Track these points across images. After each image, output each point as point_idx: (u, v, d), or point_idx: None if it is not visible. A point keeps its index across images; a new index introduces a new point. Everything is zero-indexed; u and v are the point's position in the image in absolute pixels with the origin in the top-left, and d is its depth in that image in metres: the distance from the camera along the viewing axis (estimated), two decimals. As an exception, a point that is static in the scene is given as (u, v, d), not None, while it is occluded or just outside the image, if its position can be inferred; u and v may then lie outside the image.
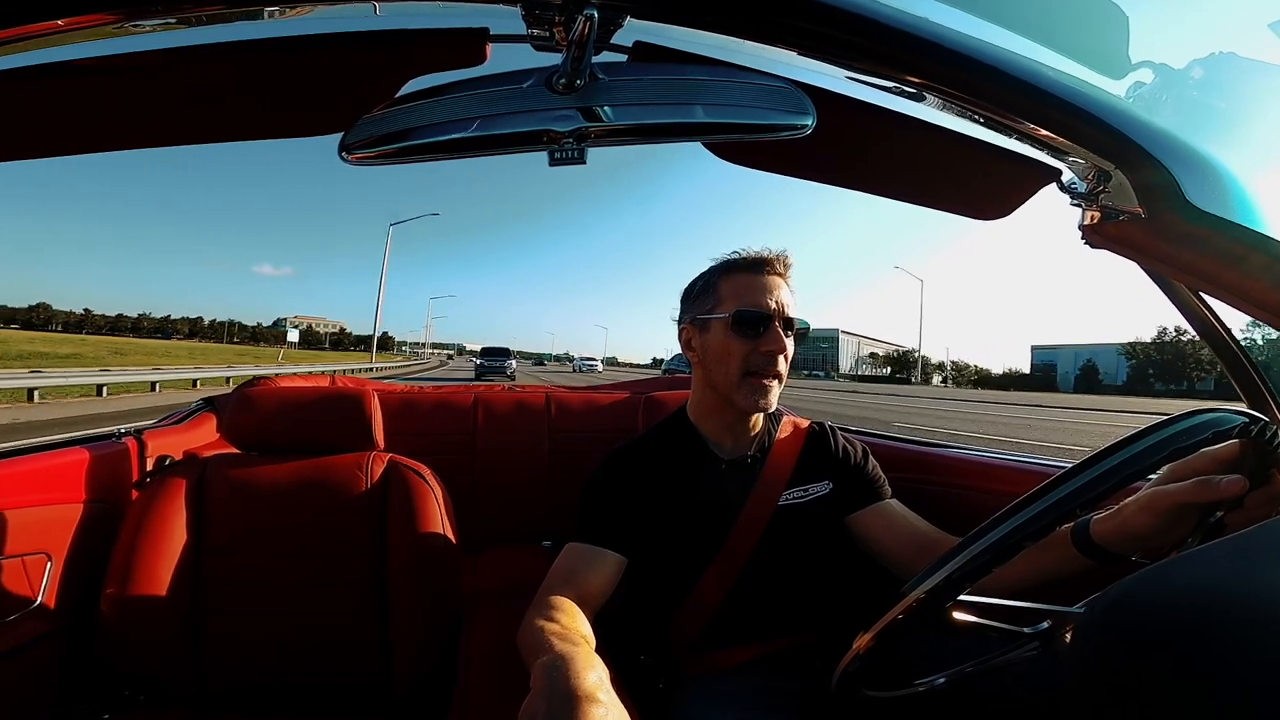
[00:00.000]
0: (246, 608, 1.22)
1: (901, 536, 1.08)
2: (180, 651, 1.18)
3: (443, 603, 1.25)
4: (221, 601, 1.22)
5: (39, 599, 1.15)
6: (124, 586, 1.15)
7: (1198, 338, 1.01)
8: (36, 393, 12.21)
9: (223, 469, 1.29)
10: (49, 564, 1.17)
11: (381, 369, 40.12)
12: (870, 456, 1.20)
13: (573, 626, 0.82)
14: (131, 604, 1.14)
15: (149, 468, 1.43)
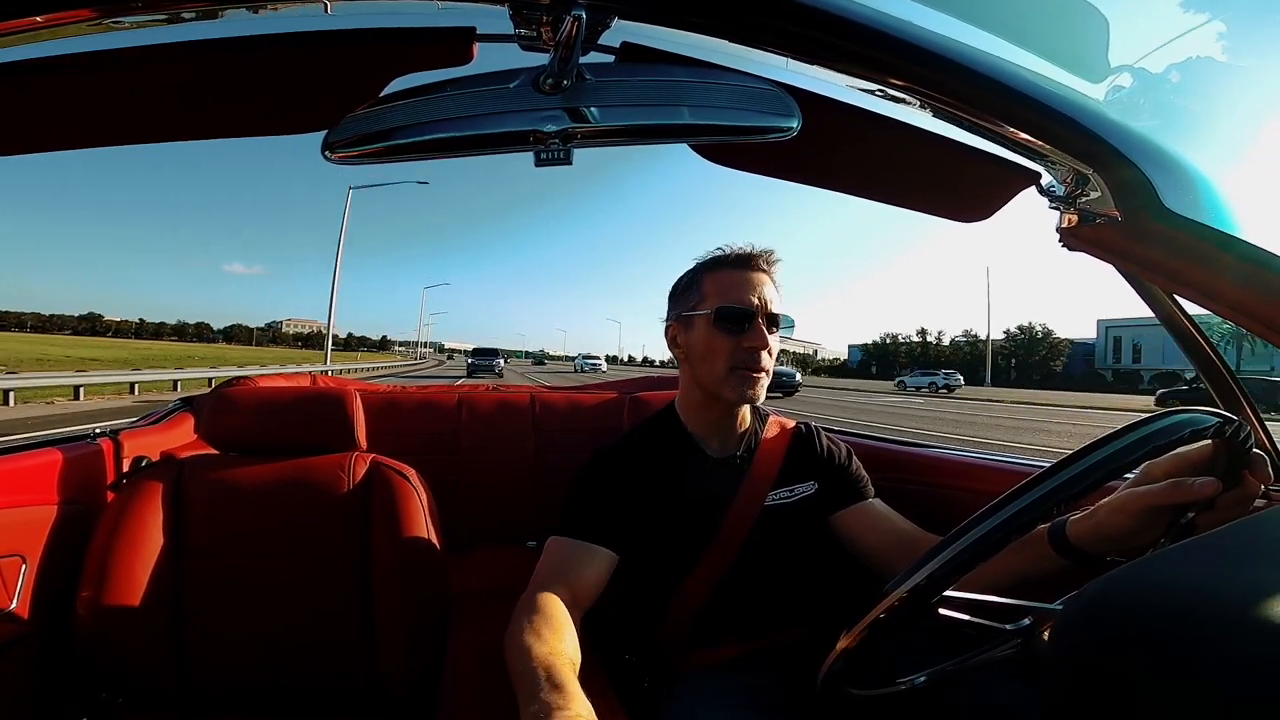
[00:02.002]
0: (227, 609, 1.21)
1: (885, 536, 1.08)
2: (159, 653, 1.17)
3: (428, 604, 1.24)
4: (201, 603, 1.20)
5: (13, 602, 1.12)
6: (99, 589, 1.13)
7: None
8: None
9: (201, 470, 1.27)
10: (23, 566, 1.15)
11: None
12: (854, 457, 1.21)
13: (560, 650, 0.79)
14: (107, 606, 1.12)
15: (125, 469, 1.40)
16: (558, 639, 0.81)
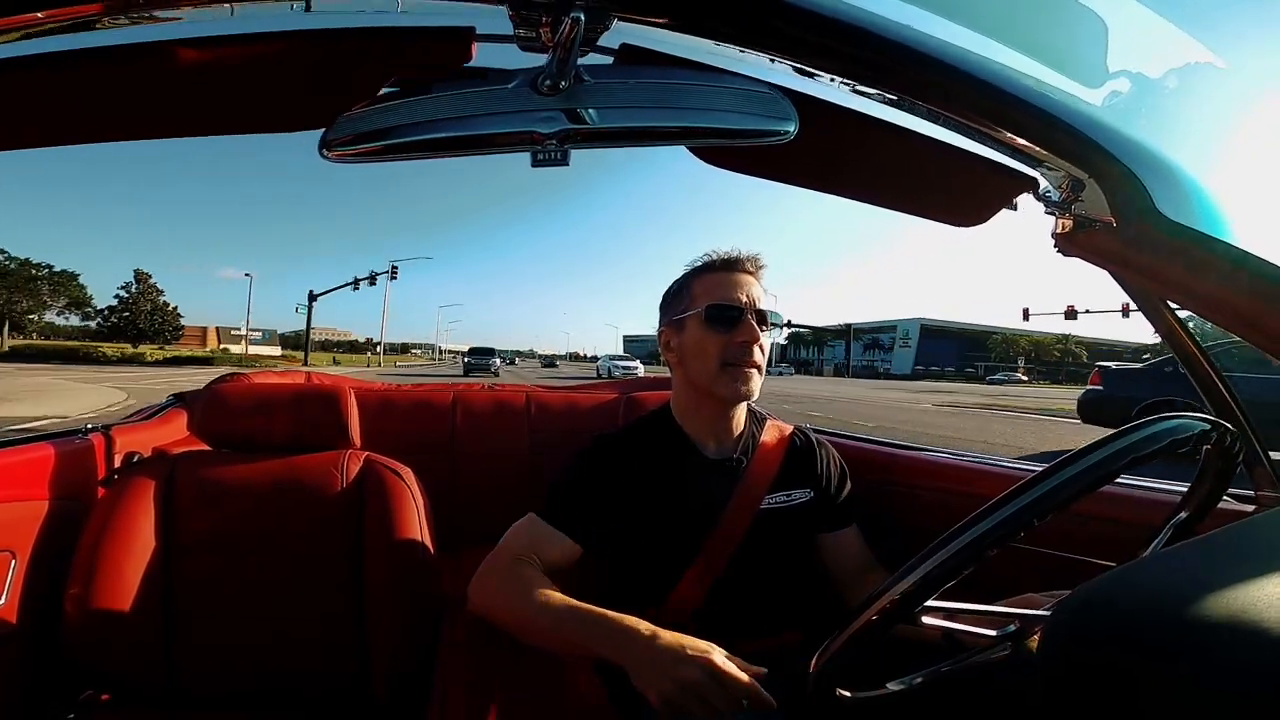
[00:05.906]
0: (218, 608, 1.20)
1: (855, 564, 1.15)
2: (147, 651, 1.16)
3: (421, 603, 1.24)
4: (191, 601, 1.19)
5: (2, 598, 1.12)
6: (88, 586, 1.12)
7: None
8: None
9: (193, 466, 1.26)
10: (13, 562, 1.14)
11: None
12: (848, 478, 1.23)
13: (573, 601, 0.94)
14: (96, 603, 1.12)
15: (116, 465, 1.39)
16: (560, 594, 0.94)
